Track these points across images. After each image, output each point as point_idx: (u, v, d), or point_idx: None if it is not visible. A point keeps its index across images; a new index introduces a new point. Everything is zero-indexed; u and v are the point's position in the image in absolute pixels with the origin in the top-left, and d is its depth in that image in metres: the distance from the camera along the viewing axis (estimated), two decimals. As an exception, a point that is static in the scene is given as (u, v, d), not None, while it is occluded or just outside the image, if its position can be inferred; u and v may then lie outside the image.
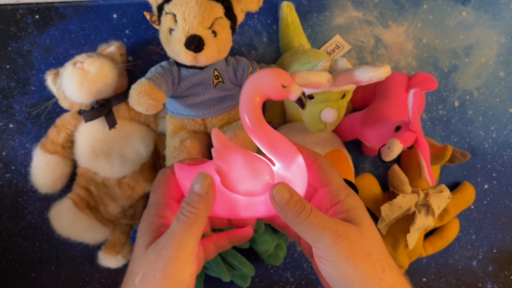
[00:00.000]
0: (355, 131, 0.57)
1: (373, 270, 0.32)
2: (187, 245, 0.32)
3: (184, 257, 0.32)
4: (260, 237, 0.58)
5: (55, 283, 0.62)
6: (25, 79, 0.57)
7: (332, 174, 0.36)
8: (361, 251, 0.32)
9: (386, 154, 0.48)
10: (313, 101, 0.49)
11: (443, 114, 0.64)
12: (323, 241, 0.32)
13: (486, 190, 0.67)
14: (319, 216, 0.32)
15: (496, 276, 0.69)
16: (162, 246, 0.32)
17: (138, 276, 0.32)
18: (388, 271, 0.33)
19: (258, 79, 0.34)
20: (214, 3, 0.48)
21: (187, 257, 0.32)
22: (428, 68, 0.63)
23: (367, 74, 0.43)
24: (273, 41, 0.60)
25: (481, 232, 0.67)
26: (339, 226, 0.32)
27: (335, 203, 0.35)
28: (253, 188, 0.33)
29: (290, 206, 0.33)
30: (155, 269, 0.31)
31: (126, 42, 0.57)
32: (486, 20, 0.63)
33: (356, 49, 0.61)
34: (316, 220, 0.32)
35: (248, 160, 0.33)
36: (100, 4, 0.57)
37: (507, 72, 0.64)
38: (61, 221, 0.55)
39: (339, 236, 0.32)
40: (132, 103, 0.48)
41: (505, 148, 0.66)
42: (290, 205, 0.33)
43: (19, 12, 0.56)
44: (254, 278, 0.65)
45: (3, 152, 0.59)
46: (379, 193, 0.62)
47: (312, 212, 0.33)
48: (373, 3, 0.61)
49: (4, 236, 0.60)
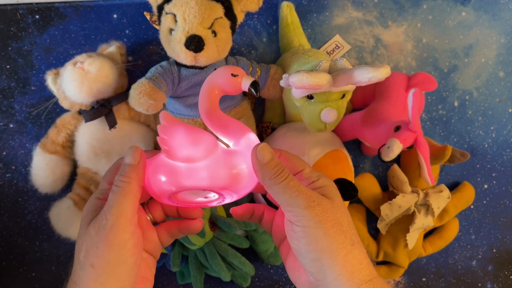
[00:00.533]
0: (354, 131, 0.57)
1: (343, 240, 0.33)
2: (125, 212, 0.33)
3: (124, 224, 0.33)
4: (260, 237, 0.58)
5: (55, 283, 0.62)
6: (25, 79, 0.57)
7: (301, 161, 0.37)
8: (333, 219, 0.33)
9: (386, 154, 0.48)
10: (313, 101, 0.49)
11: (443, 114, 0.64)
12: (297, 204, 0.33)
13: (485, 190, 0.67)
14: (295, 180, 0.34)
15: (496, 276, 0.69)
16: (102, 218, 0.33)
17: (82, 252, 0.33)
18: (357, 245, 0.34)
19: (213, 75, 0.37)
20: (214, 3, 0.48)
21: (126, 225, 0.33)
22: (428, 68, 0.63)
23: (367, 74, 0.43)
24: (273, 41, 0.60)
25: (480, 232, 0.68)
26: (313, 193, 0.34)
27: (309, 183, 0.36)
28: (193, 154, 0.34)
29: (270, 166, 0.34)
30: (97, 241, 0.32)
31: (126, 42, 0.57)
32: (485, 20, 0.63)
33: (356, 49, 0.62)
34: (292, 183, 0.34)
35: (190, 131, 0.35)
36: (100, 4, 0.57)
37: (507, 72, 0.64)
38: (61, 221, 0.55)
39: (312, 201, 0.33)
40: (132, 103, 0.48)
41: (504, 148, 0.66)
42: (270, 165, 0.34)
43: (19, 12, 0.56)
44: (254, 278, 0.65)
45: (3, 152, 0.59)
46: (379, 193, 0.62)
47: (290, 175, 0.34)
48: (373, 3, 0.61)
49: (4, 236, 0.60)
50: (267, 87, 0.55)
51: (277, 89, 0.55)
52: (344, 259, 0.32)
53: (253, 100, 0.60)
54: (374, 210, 0.63)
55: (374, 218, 0.63)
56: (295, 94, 0.50)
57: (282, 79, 0.47)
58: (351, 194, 0.51)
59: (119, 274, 0.33)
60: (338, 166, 0.54)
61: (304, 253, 0.33)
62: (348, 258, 0.33)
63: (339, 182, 0.52)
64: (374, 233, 0.65)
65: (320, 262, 0.33)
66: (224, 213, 0.58)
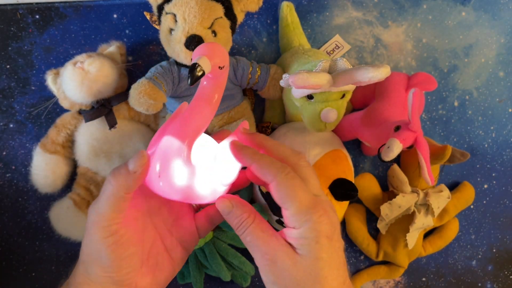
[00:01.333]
0: (354, 131, 0.57)
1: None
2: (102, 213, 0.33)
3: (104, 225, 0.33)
4: (260, 236, 0.58)
5: (55, 283, 0.62)
6: (25, 79, 0.57)
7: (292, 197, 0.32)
8: (288, 280, 0.32)
9: (386, 154, 0.48)
10: (313, 101, 0.49)
11: (443, 114, 0.64)
12: (256, 259, 0.33)
13: (485, 190, 0.67)
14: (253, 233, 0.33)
15: (496, 276, 0.69)
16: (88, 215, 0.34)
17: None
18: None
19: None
20: (214, 3, 0.48)
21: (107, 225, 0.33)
22: (428, 68, 0.63)
23: (367, 74, 0.43)
24: (273, 41, 0.60)
25: (480, 232, 0.68)
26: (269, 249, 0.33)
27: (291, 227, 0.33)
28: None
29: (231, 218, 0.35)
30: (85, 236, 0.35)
31: (126, 42, 0.57)
32: (485, 20, 0.63)
33: (356, 49, 0.62)
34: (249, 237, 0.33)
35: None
36: (100, 4, 0.57)
37: (507, 72, 0.64)
38: (61, 220, 0.55)
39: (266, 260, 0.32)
40: (132, 103, 0.48)
41: (504, 148, 0.66)
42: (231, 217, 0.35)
43: (19, 12, 0.56)
44: (254, 277, 0.65)
45: (3, 152, 0.59)
46: (379, 192, 0.62)
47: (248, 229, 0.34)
48: (372, 3, 0.61)
49: (4, 236, 0.60)
50: (267, 87, 0.55)
51: (277, 89, 0.56)
52: None
53: (253, 100, 0.60)
54: (374, 210, 0.63)
55: (374, 218, 0.63)
56: (295, 94, 0.50)
57: (282, 79, 0.47)
58: (351, 194, 0.51)
59: (99, 271, 0.34)
60: (338, 166, 0.54)
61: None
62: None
63: (339, 182, 0.52)
64: (374, 233, 0.65)
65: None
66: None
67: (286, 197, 0.32)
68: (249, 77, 0.54)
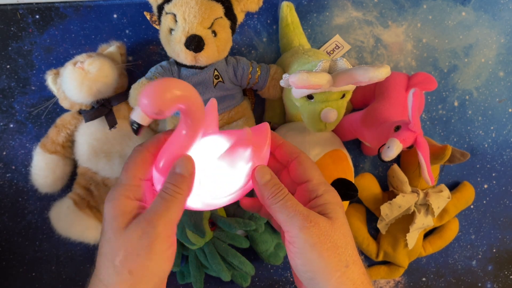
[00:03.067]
0: (354, 131, 0.57)
1: (338, 263, 0.34)
2: (172, 222, 0.33)
3: (168, 233, 0.33)
4: (260, 237, 0.58)
5: (55, 283, 0.62)
6: (25, 79, 0.58)
7: (313, 171, 0.37)
8: (328, 242, 0.34)
9: (386, 154, 0.48)
10: (313, 101, 0.49)
11: (443, 114, 0.64)
12: (293, 224, 0.34)
13: (485, 190, 0.67)
14: (293, 200, 0.35)
15: (496, 276, 0.69)
16: (146, 224, 0.32)
17: (118, 256, 0.32)
18: (352, 266, 0.34)
19: None
20: (214, 3, 0.48)
21: (169, 233, 0.33)
22: (428, 68, 0.63)
23: (367, 74, 0.43)
24: (273, 41, 0.60)
25: (480, 232, 0.68)
26: (310, 213, 0.34)
27: (313, 197, 0.36)
28: None
29: (268, 186, 0.35)
30: (139, 248, 0.31)
31: (126, 42, 0.57)
32: (485, 20, 0.63)
33: (356, 49, 0.62)
34: (290, 202, 0.34)
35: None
36: (100, 4, 0.57)
37: (507, 72, 0.64)
38: (61, 220, 0.55)
39: (309, 222, 0.33)
40: (132, 103, 0.48)
41: (504, 148, 0.66)
42: (268, 185, 0.35)
43: (19, 12, 0.56)
44: (254, 277, 0.65)
45: (3, 152, 0.59)
46: (379, 192, 0.62)
47: (288, 195, 0.35)
48: (372, 3, 0.61)
49: (4, 236, 0.60)
50: (267, 87, 0.55)
51: (277, 89, 0.56)
52: (338, 281, 0.33)
53: (253, 100, 0.60)
54: (374, 210, 0.63)
55: (374, 218, 0.63)
56: (295, 94, 0.50)
57: (282, 79, 0.47)
58: (351, 194, 0.51)
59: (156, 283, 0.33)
60: (338, 166, 0.54)
61: (300, 272, 0.35)
62: (342, 280, 0.34)
63: (339, 182, 0.52)
64: (374, 233, 0.65)
65: (315, 281, 0.34)
66: (224, 213, 0.58)
67: (310, 169, 0.37)
68: (249, 77, 0.54)
